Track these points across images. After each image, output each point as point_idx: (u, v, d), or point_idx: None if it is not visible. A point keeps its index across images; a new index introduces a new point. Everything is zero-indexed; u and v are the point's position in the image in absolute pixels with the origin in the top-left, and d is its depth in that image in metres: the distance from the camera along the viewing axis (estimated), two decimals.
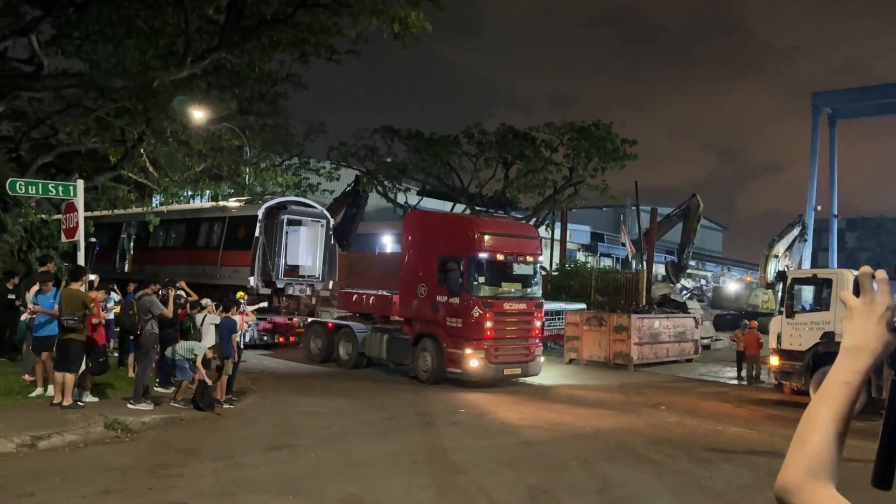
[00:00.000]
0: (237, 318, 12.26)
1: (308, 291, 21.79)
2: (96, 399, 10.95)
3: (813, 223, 41.25)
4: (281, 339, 20.57)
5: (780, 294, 16.72)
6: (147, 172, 21.16)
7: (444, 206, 35.38)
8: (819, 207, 46.50)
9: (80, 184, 12.41)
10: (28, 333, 12.25)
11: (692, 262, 42.25)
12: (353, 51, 17.16)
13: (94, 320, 10.84)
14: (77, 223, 11.91)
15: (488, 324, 15.02)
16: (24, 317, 12.14)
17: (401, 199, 33.86)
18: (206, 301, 12.43)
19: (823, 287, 15.20)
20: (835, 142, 49.41)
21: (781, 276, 16.90)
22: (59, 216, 13.32)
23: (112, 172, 20.08)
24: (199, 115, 18.94)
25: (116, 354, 14.34)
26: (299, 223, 21.63)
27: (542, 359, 16.45)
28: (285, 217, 21.02)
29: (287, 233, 21.12)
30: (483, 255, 15.17)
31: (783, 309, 15.77)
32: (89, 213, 22.45)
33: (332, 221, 22.82)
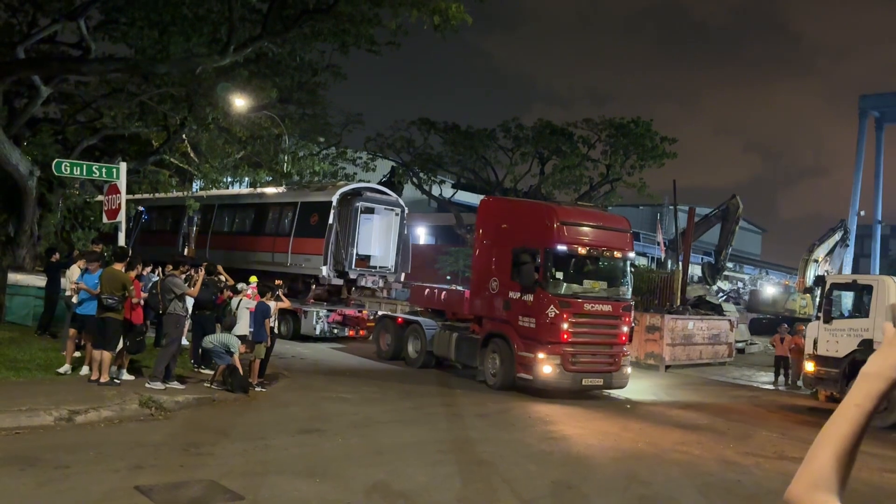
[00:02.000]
0: (271, 303, 12.42)
1: (381, 283, 20.88)
2: (132, 377, 11.20)
3: (856, 228, 40.39)
4: (351, 333, 19.66)
5: (818, 299, 16.38)
6: (188, 158, 21.52)
7: (479, 199, 35.35)
8: (863, 213, 45.54)
9: (123, 166, 12.69)
10: (67, 311, 12.55)
11: (729, 264, 41.62)
12: (393, 42, 17.27)
13: (135, 300, 11.06)
14: (119, 205, 12.18)
15: (565, 325, 13.40)
16: (68, 294, 12.40)
17: (435, 191, 33.93)
18: (241, 285, 12.61)
19: (863, 293, 14.87)
20: (881, 146, 48.27)
21: (820, 280, 16.55)
22: (102, 197, 13.63)
23: (154, 156, 20.49)
24: (240, 102, 19.21)
25: (153, 335, 14.62)
26: (372, 211, 20.53)
27: (630, 369, 14.61)
28: (360, 204, 20.08)
29: (360, 221, 20.16)
30: (561, 248, 13.60)
31: (820, 314, 15.49)
32: (152, 196, 22.87)
33: (406, 210, 21.75)
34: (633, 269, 15.41)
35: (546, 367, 13.34)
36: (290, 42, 16.94)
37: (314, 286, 20.17)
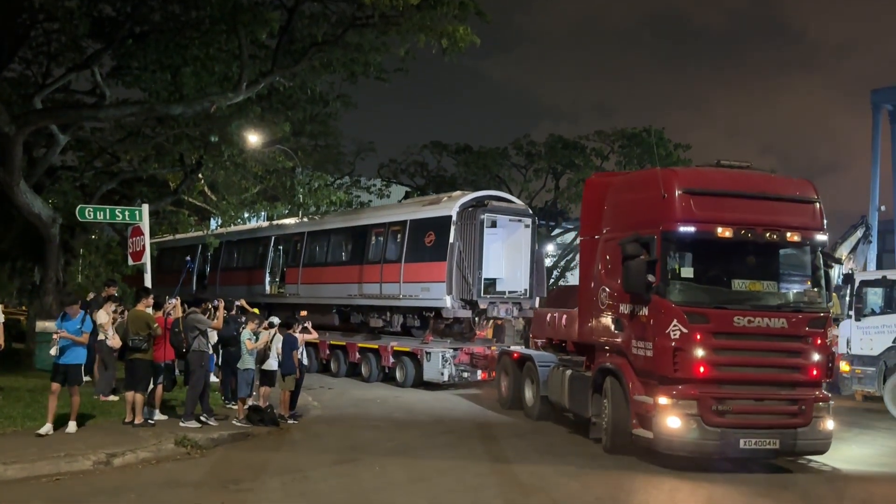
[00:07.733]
0: (298, 335, 12.43)
1: (515, 312, 17.03)
2: (165, 417, 11.22)
3: (877, 224, 39.93)
4: (484, 375, 16.14)
5: (847, 298, 16.18)
6: (206, 196, 21.68)
7: None
8: (883, 208, 44.79)
9: (146, 208, 12.82)
10: (94, 354, 12.56)
11: None
12: (401, 68, 17.40)
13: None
14: (143, 246, 12.28)
15: (700, 351, 8.80)
16: (100, 337, 12.39)
17: None
18: (274, 319, 12.60)
19: (894, 289, 14.71)
20: None
21: (848, 278, 16.36)
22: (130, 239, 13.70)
23: (173, 197, 20.67)
24: (253, 138, 19.36)
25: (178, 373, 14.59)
26: (495, 224, 17.09)
27: (832, 423, 9.36)
28: (485, 216, 16.54)
29: (485, 236, 16.68)
30: (687, 229, 9.11)
31: (851, 313, 15.31)
32: (228, 230, 22.30)
33: (536, 220, 18.25)
34: (829, 263, 10.01)
35: (671, 420, 8.83)
36: (300, 75, 17.07)
37: (433, 320, 17.08)
